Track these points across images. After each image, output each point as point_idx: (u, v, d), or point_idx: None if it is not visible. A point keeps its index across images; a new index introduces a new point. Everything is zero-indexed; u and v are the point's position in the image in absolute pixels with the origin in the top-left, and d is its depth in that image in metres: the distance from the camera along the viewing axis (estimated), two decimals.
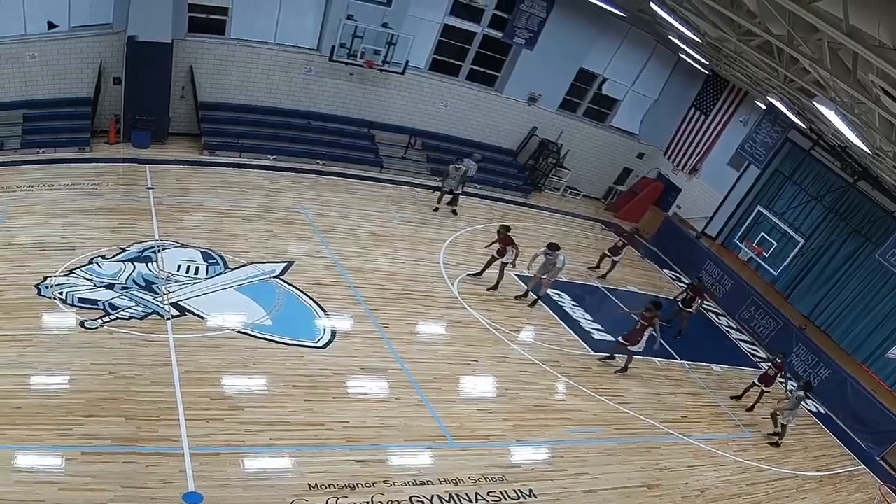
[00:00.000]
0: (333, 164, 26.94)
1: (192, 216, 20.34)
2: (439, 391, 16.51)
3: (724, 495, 16.77)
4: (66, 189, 19.83)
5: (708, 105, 32.14)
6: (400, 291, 20.03)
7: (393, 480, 13.35)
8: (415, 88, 28.87)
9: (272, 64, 26.06)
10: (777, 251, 28.35)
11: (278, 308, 17.38)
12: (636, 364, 20.57)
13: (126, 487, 11.18)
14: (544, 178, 32.67)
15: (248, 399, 14.19)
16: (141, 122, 23.53)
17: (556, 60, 29.90)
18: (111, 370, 13.62)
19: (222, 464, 12.35)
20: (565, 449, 16.23)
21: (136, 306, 15.72)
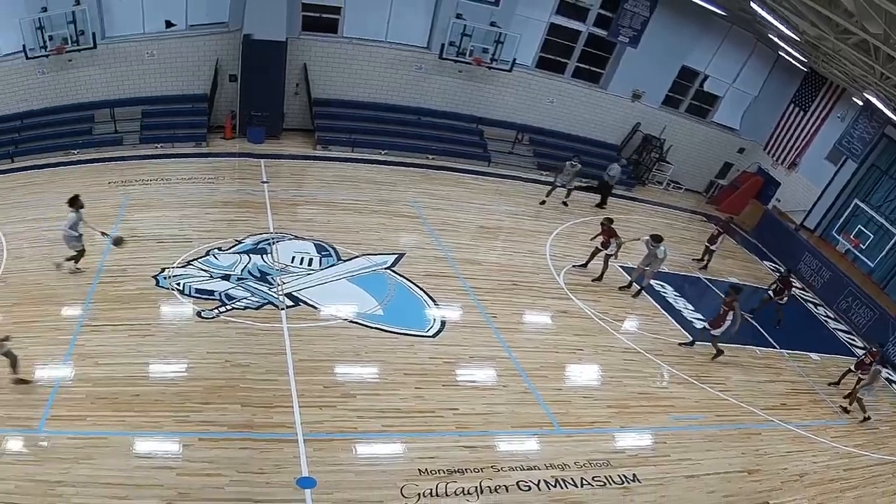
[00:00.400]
0: (443, 158, 27.08)
1: (306, 209, 20.58)
2: (546, 379, 16.33)
3: (822, 480, 16.25)
4: (183, 183, 20.23)
5: (806, 101, 31.48)
6: (507, 282, 19.94)
7: (501, 466, 13.25)
8: (522, 85, 28.82)
9: (383, 61, 26.30)
10: (874, 243, 27.87)
11: (389, 298, 17.44)
12: (736, 353, 20.23)
13: (242, 472, 11.31)
14: (648, 172, 32.44)
15: (360, 387, 14.25)
16: (256, 118, 23.92)
17: (659, 58, 29.67)
18: (227, 359, 13.84)
19: (335, 449, 12.40)
20: (668, 435, 15.92)
21: (251, 297, 15.94)
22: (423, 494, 12.00)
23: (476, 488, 12.48)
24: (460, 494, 12.27)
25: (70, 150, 22.06)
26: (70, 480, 10.49)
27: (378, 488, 11.87)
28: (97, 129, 23.00)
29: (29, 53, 21.26)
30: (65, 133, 22.49)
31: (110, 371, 12.94)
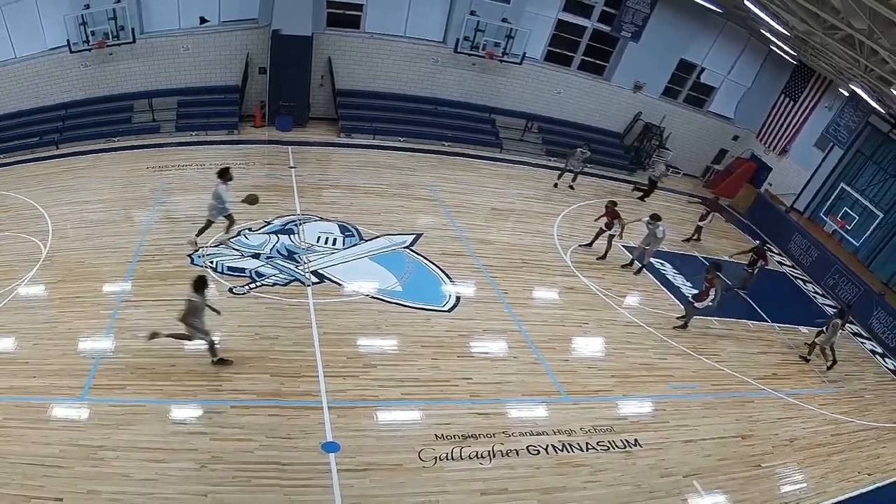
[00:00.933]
0: (457, 145, 27.06)
1: (331, 192, 20.63)
2: (553, 350, 16.43)
3: (810, 444, 16.41)
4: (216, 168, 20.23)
5: (796, 92, 31.45)
6: (518, 261, 19.99)
7: (511, 431, 13.40)
8: (531, 77, 28.83)
9: (402, 55, 26.31)
10: (859, 224, 27.88)
11: (408, 276, 17.52)
12: (731, 326, 20.45)
13: (271, 437, 11.47)
14: (648, 158, 32.19)
15: (380, 358, 14.36)
16: (284, 108, 24.03)
17: (659, 52, 29.65)
18: (257, 332, 14.00)
19: (357, 416, 12.54)
20: (667, 403, 16.05)
21: (279, 274, 16.07)
22: (439, 458, 12.14)
23: (489, 452, 12.63)
24: (474, 458, 12.41)
25: (111, 137, 22.20)
26: (111, 445, 10.66)
27: (397, 452, 12.00)
28: (136, 118, 23.14)
29: (73, 48, 21.43)
30: (105, 122, 22.64)
31: (148, 343, 13.00)
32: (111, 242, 16.53)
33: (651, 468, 13.69)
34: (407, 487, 11.36)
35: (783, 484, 14.78)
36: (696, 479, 13.80)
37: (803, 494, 14.53)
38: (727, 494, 13.73)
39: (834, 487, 15.05)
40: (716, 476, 14.10)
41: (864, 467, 16.19)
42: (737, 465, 14.71)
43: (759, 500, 13.88)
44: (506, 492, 11.95)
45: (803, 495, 14.51)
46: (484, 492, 11.79)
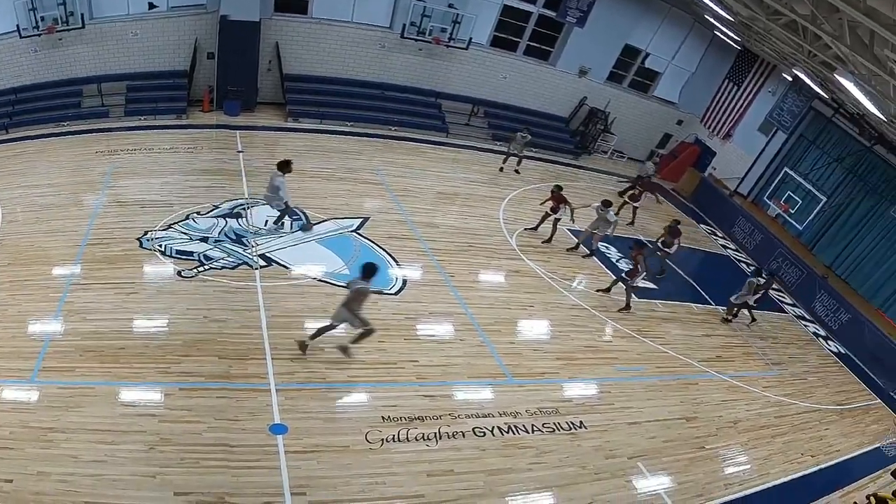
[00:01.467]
0: (404, 129, 27.09)
1: None
2: (499, 333, 16.56)
3: (754, 426, 16.74)
4: (164, 152, 20.19)
5: (740, 77, 31.85)
6: (464, 244, 20.13)
7: (458, 413, 13.52)
8: (477, 62, 28.90)
9: (349, 40, 26.22)
10: (802, 208, 28.28)
11: (355, 259, 17.48)
12: (675, 309, 20.81)
13: (219, 419, 11.49)
14: (593, 142, 32.58)
15: (327, 340, 14.22)
16: (232, 93, 23.86)
17: (604, 37, 29.82)
18: (205, 314, 13.97)
19: (305, 398, 12.59)
20: (612, 385, 16.27)
21: (227, 257, 16.06)
22: (386, 440, 12.26)
23: (435, 434, 12.76)
24: (420, 440, 12.54)
25: (60, 121, 21.92)
26: (60, 427, 10.65)
27: (345, 434, 12.08)
28: (85, 102, 22.85)
29: (22, 33, 21.13)
30: (55, 106, 22.32)
31: (97, 326, 13.03)
32: (60, 226, 16.37)
33: (596, 450, 13.91)
34: (354, 469, 11.46)
35: (727, 465, 15.08)
36: (641, 461, 14.04)
37: (747, 476, 14.83)
38: (671, 476, 13.98)
39: (777, 469, 15.37)
40: (660, 457, 14.36)
41: (807, 449, 16.57)
42: (681, 446, 14.96)
43: (702, 482, 14.14)
44: (452, 473, 12.09)
45: (747, 477, 14.80)
46: (430, 473, 11.92)
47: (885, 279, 25.94)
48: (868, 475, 16.46)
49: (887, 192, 26.38)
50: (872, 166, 27.03)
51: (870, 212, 27.05)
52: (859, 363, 22.46)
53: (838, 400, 19.68)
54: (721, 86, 32.84)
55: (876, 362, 22.32)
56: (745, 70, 31.55)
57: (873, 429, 18.85)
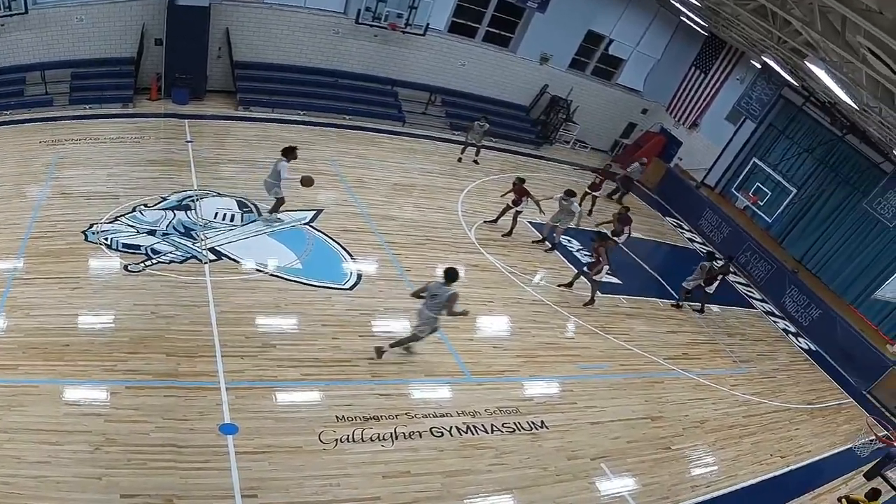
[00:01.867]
0: (359, 119, 26.87)
1: (228, 167, 20.27)
2: (458, 330, 16.31)
3: (721, 426, 16.79)
4: (110, 142, 19.87)
5: (707, 64, 32.03)
6: (421, 237, 19.98)
7: (414, 413, 13.39)
8: (435, 49, 28.72)
9: (302, 26, 25.93)
10: (771, 200, 28.18)
11: (308, 253, 17.38)
12: (640, 304, 20.83)
13: (167, 419, 11.26)
14: (555, 132, 32.60)
15: (279, 337, 14.19)
16: (180, 80, 23.55)
17: (566, 23, 29.77)
18: (153, 310, 13.68)
19: (256, 397, 12.39)
20: (575, 383, 16.23)
21: (176, 251, 15.76)
22: (340, 440, 12.10)
23: (391, 434, 12.63)
24: (376, 440, 12.40)
25: (2, 111, 21.37)
26: (2, 427, 10.36)
27: (297, 434, 11.93)
28: (28, 90, 22.29)
29: None
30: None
31: (41, 322, 12.74)
32: (2, 219, 15.91)
33: (558, 450, 13.88)
34: (307, 470, 11.32)
35: (694, 467, 15.13)
36: (604, 462, 14.03)
37: (714, 478, 14.88)
38: (636, 477, 13.99)
39: (746, 470, 15.44)
40: (624, 458, 14.37)
41: (777, 450, 16.68)
42: (646, 447, 14.97)
43: (668, 484, 14.16)
44: (408, 475, 11.99)
45: (714, 478, 14.85)
46: (386, 474, 11.81)
47: (857, 274, 26.14)
48: (840, 476, 16.59)
49: (859, 184, 26.56)
50: (844, 157, 27.25)
51: (841, 204, 27.27)
52: (831, 361, 22.72)
53: (809, 399, 19.87)
54: (687, 73, 32.98)
55: (848, 360, 22.57)
56: (713, 57, 31.70)
57: (845, 429, 19.03)
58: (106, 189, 17.37)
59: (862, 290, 25.61)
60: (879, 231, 25.35)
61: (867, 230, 25.95)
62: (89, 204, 16.51)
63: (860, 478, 16.05)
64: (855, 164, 26.84)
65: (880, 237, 25.47)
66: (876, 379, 21.70)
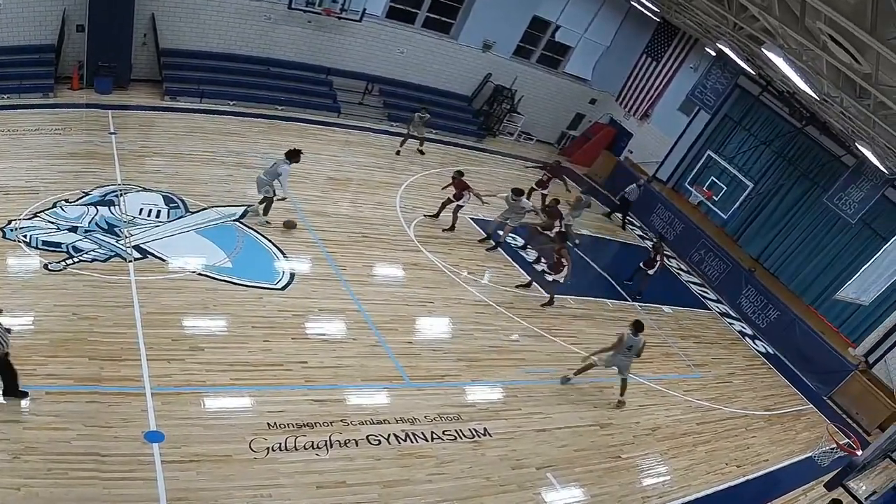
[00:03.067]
0: (292, 109, 26.83)
1: (154, 161, 20.10)
2: (396, 332, 16.56)
3: (674, 434, 17.14)
4: (29, 134, 19.62)
5: (659, 52, 32.47)
6: (357, 234, 20.02)
7: (350, 420, 13.46)
8: (372, 36, 28.68)
9: (232, 11, 25.74)
10: (727, 195, 28.69)
11: (238, 250, 17.36)
12: (588, 305, 21.17)
13: (89, 426, 11.19)
14: (498, 123, 32.82)
15: (208, 340, 14.18)
16: (103, 69, 23.28)
17: (510, 8, 29.94)
18: (74, 311, 13.56)
19: (183, 403, 12.37)
20: (519, 389, 16.43)
21: (98, 249, 15.63)
22: (272, 448, 12.15)
23: (325, 442, 12.69)
24: (310, 448, 12.46)
25: None
26: None
27: (226, 442, 11.94)
28: None
29: None
30: None
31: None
32: None
33: (501, 459, 14.07)
34: (237, 480, 11.35)
35: (645, 476, 15.46)
36: (551, 472, 14.26)
37: (667, 488, 15.21)
38: (584, 488, 14.25)
39: (700, 480, 15.78)
40: (572, 468, 14.62)
41: (733, 458, 17.07)
42: (594, 455, 15.26)
43: (618, 494, 14.43)
44: (344, 485, 12.07)
45: (667, 489, 15.18)
46: (320, 485, 11.89)
47: (817, 273, 26.71)
48: (799, 487, 17.02)
49: (819, 178, 27.08)
50: (804, 149, 27.76)
51: (801, 199, 27.85)
52: (789, 365, 23.24)
53: (766, 405, 20.37)
54: (638, 62, 33.40)
55: (807, 364, 23.06)
56: (665, 44, 32.16)
57: (805, 436, 19.56)
58: (25, 183, 17.18)
59: (822, 290, 26.24)
60: (841, 228, 25.94)
61: (828, 227, 26.54)
62: (7, 199, 16.29)
63: (821, 488, 16.43)
64: (815, 157, 27.37)
65: (841, 234, 26.09)
66: (837, 384, 22.30)
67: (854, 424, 21.66)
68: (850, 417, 21.94)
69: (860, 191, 24.24)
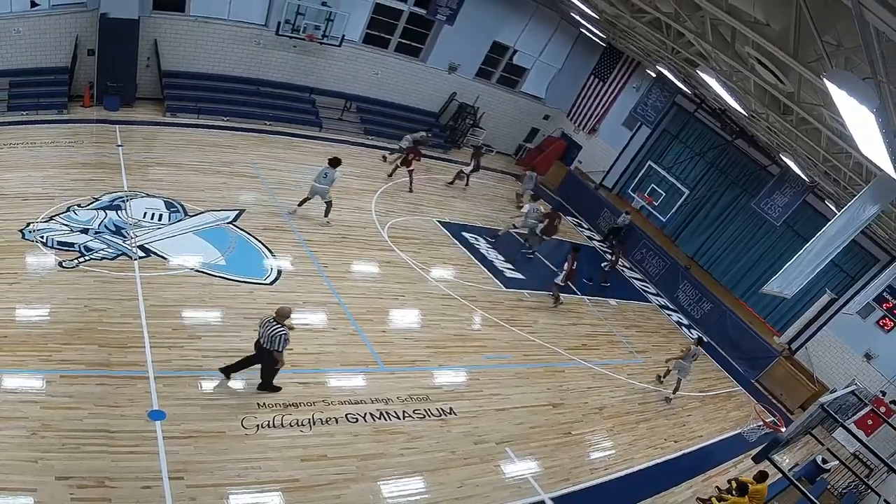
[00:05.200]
0: (279, 124, 26.71)
1: (157, 170, 20.06)
2: (371, 322, 16.72)
3: (619, 413, 17.46)
4: (46, 146, 19.54)
5: (605, 73, 32.65)
6: (337, 236, 20.08)
7: (331, 400, 13.65)
8: (350, 59, 28.68)
9: (226, 37, 25.69)
10: (665, 201, 28.83)
11: (231, 250, 17.41)
12: (543, 299, 21.38)
13: (99, 406, 11.32)
14: (462, 136, 32.76)
15: (205, 329, 14.30)
16: (112, 88, 23.21)
17: (473, 34, 30.01)
18: (86, 304, 13.64)
19: (182, 385, 12.50)
20: (481, 372, 16.67)
21: (107, 248, 15.68)
22: (261, 426, 12.32)
23: (309, 420, 12.90)
24: (295, 426, 12.65)
25: None
26: None
27: (221, 420, 12.10)
28: None
29: None
30: None
31: None
32: None
33: (465, 435, 14.31)
34: (230, 454, 11.50)
35: (593, 451, 15.77)
36: (509, 446, 14.54)
37: (612, 461, 15.53)
38: (538, 460, 14.51)
39: (641, 454, 16.14)
40: (527, 443, 14.88)
41: (671, 434, 17.48)
42: (548, 432, 15.54)
43: (569, 467, 14.72)
44: (325, 458, 12.25)
45: (612, 462, 15.50)
46: (304, 458, 12.05)
47: (746, 270, 27.21)
48: (730, 460, 17.47)
49: (748, 186, 27.54)
50: (733, 160, 28.21)
51: (731, 204, 28.28)
52: (721, 351, 23.57)
53: (700, 387, 20.72)
54: (587, 82, 33.59)
55: (737, 350, 23.47)
56: (610, 66, 32.37)
57: (735, 415, 20.03)
58: (42, 190, 17.15)
59: (750, 285, 26.75)
60: (767, 230, 26.48)
61: (755, 229, 27.01)
62: (26, 204, 16.31)
63: (748, 461, 16.64)
64: (744, 166, 27.82)
65: (767, 235, 26.63)
66: (763, 368, 22.84)
67: (779, 404, 22.12)
68: (775, 398, 22.37)
69: (784, 196, 24.81)
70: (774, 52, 8.97)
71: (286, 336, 12.32)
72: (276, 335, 12.18)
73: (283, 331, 12.26)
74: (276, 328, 12.21)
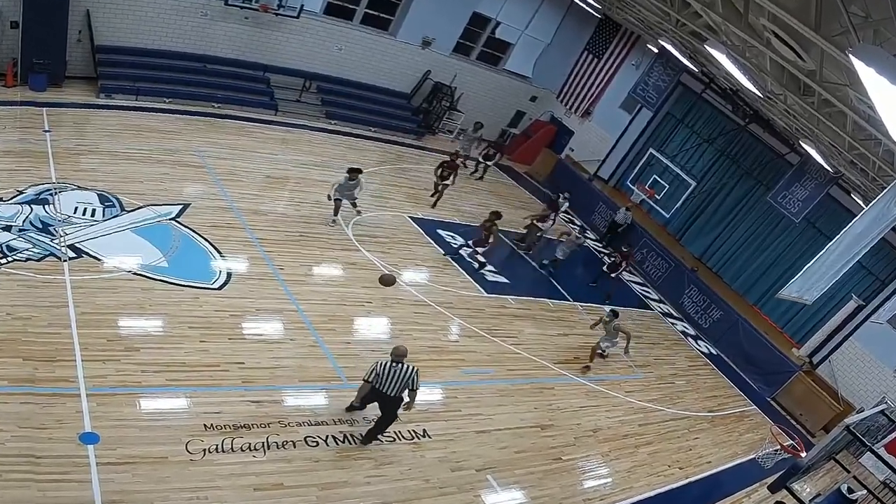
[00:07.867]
0: (229, 107, 26.61)
1: (89, 159, 19.87)
2: (334, 332, 16.61)
3: (616, 435, 17.40)
4: None
5: (600, 49, 32.62)
6: (295, 233, 19.99)
7: (288, 421, 13.49)
8: (309, 32, 28.52)
9: (168, 7, 25.48)
10: (669, 194, 28.96)
11: (174, 250, 17.26)
12: (529, 305, 21.39)
13: (23, 428, 11.12)
14: (438, 120, 32.86)
15: (144, 340, 14.09)
16: (38, 66, 23.02)
17: (449, 4, 29.99)
18: (8, 311, 13.42)
19: (118, 404, 12.31)
20: (459, 389, 16.59)
21: (33, 248, 15.49)
22: (208, 450, 12.15)
23: (263, 444, 12.71)
24: (247, 450, 12.47)
25: None
26: None
27: (162, 444, 11.91)
28: None
29: None
30: None
31: None
32: None
33: (441, 461, 14.21)
34: (173, 482, 11.34)
35: (586, 478, 15.68)
36: (491, 473, 14.42)
37: (608, 490, 15.45)
38: (524, 490, 14.43)
39: (642, 482, 16.08)
40: (512, 470, 14.78)
41: (675, 460, 17.40)
42: (535, 457, 15.44)
43: (559, 497, 14.63)
44: (281, 487, 12.12)
45: (608, 491, 15.42)
46: (258, 487, 11.93)
47: (760, 272, 27.04)
48: (743, 489, 17.44)
49: (763, 176, 27.45)
50: (747, 147, 28.07)
51: (744, 198, 28.19)
52: (733, 365, 23.60)
53: (709, 406, 20.75)
54: (579, 59, 33.58)
55: (751, 364, 23.40)
56: (606, 41, 32.33)
57: (748, 438, 19.97)
58: None
59: (766, 289, 26.54)
60: (784, 227, 26.32)
61: (771, 226, 26.86)
62: None
63: (764, 490, 16.31)
64: (758, 155, 27.74)
65: (785, 233, 26.49)
66: (781, 385, 22.73)
67: (798, 426, 22.11)
68: (794, 419, 22.36)
69: (804, 189, 24.63)
70: (793, 24, 8.88)
71: (418, 370, 12.94)
72: (412, 376, 12.82)
73: (414, 367, 12.82)
74: (406, 370, 12.73)
